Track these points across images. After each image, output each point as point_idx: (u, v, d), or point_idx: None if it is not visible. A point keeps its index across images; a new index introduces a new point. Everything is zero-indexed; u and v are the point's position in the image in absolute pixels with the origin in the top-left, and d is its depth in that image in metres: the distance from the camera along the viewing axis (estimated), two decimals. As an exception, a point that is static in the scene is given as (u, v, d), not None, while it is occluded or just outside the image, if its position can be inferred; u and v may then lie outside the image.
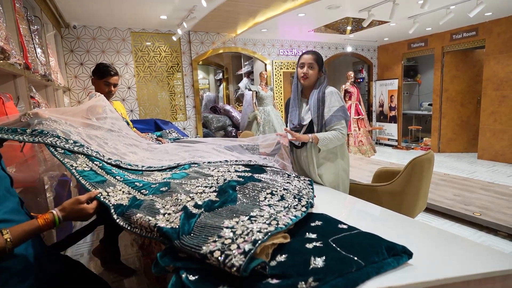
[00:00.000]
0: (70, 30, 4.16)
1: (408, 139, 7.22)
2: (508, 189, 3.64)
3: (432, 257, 0.87)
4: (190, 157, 1.73)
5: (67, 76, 4.21)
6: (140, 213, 0.97)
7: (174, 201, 1.05)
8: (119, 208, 1.03)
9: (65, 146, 1.26)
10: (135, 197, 1.11)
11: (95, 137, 1.52)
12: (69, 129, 1.41)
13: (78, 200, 1.04)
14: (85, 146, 1.34)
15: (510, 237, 2.70)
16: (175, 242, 0.81)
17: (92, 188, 1.11)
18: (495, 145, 5.28)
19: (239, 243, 0.75)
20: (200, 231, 0.85)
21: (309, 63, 1.78)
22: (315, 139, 1.72)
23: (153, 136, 2.61)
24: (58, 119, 1.41)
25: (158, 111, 5.01)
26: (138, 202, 1.06)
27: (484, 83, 5.33)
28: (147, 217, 0.94)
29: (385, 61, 7.13)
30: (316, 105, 1.76)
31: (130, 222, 0.97)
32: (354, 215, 1.33)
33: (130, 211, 1.01)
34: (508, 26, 4.95)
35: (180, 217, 0.92)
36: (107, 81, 2.19)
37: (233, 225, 0.86)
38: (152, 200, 1.07)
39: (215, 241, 0.78)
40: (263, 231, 0.81)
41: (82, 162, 1.24)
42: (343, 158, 1.91)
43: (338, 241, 0.80)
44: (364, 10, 4.01)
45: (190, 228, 0.86)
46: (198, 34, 5.08)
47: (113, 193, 1.10)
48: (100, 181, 1.15)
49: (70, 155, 1.25)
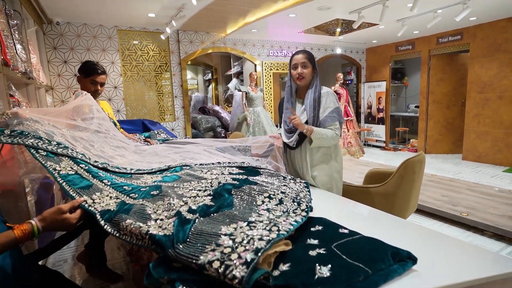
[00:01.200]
0: (53, 27, 4.00)
1: (396, 140, 7.34)
2: (492, 190, 3.73)
3: (434, 261, 0.85)
4: (181, 159, 1.67)
5: (49, 74, 4.05)
6: (130, 219, 0.90)
7: (166, 205, 0.99)
8: (106, 214, 0.96)
9: (48, 148, 1.18)
10: (124, 201, 1.04)
11: (81, 139, 1.43)
12: (52, 130, 1.32)
13: (60, 209, 0.96)
14: (70, 148, 1.26)
15: (496, 237, 2.76)
16: (169, 251, 0.76)
17: (76, 195, 1.04)
18: (478, 146, 5.42)
19: (239, 252, 0.70)
20: (196, 239, 0.79)
21: (302, 63, 1.76)
22: (310, 130, 1.69)
23: (141, 137, 2.53)
24: (40, 120, 1.32)
25: (145, 112, 4.89)
26: (127, 207, 1.00)
27: (469, 86, 5.47)
28: (137, 223, 0.88)
29: (374, 63, 7.23)
30: (312, 106, 1.74)
31: (119, 229, 0.91)
32: (351, 218, 1.30)
33: (119, 216, 0.94)
34: (491, 31, 5.09)
35: (174, 223, 0.86)
36: (94, 79, 2.11)
37: (232, 232, 0.81)
38: (142, 204, 1.01)
39: (213, 250, 0.73)
40: (264, 238, 0.76)
41: (67, 165, 1.15)
42: (337, 160, 1.89)
43: (342, 247, 0.77)
44: (354, 12, 4.03)
45: (185, 235, 0.81)
46: (187, 33, 5.00)
47: (99, 200, 1.03)
48: (86, 186, 1.08)
49: (53, 158, 1.16)
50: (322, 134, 1.70)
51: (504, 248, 2.58)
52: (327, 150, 1.84)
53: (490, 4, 4.09)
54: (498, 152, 5.17)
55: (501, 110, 5.09)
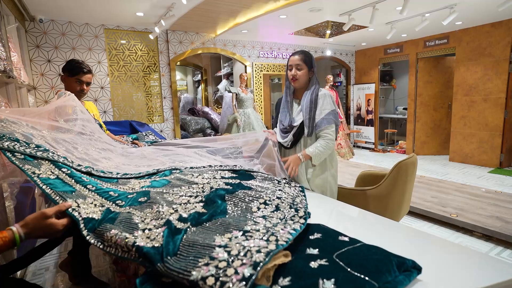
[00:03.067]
0: (35, 24, 3.85)
1: (384, 142, 7.42)
2: (479, 191, 3.79)
3: (438, 270, 0.82)
4: (170, 162, 1.60)
5: (32, 73, 3.89)
6: (115, 229, 0.84)
7: (155, 213, 0.93)
8: (90, 223, 0.89)
9: (26, 151, 1.09)
10: (109, 209, 0.97)
11: (63, 141, 1.34)
12: (30, 132, 1.23)
13: (44, 214, 0.88)
14: (50, 151, 1.17)
15: (485, 237, 2.79)
16: (158, 266, 0.70)
17: (58, 198, 0.96)
18: (465, 148, 5.53)
19: (236, 267, 0.65)
20: (188, 251, 0.73)
21: (296, 65, 1.75)
22: (306, 157, 1.69)
23: (129, 139, 2.45)
24: (17, 121, 1.23)
25: (133, 113, 4.77)
26: (112, 215, 0.93)
27: (455, 88, 5.58)
28: (123, 234, 0.81)
29: (363, 66, 7.30)
30: (308, 107, 1.72)
31: (103, 240, 0.84)
32: (347, 223, 1.27)
33: (103, 226, 0.87)
34: (476, 35, 5.21)
35: (163, 233, 0.80)
36: (79, 78, 2.03)
37: (227, 243, 0.75)
38: (129, 213, 0.94)
39: (207, 264, 0.67)
40: (263, 250, 0.70)
41: (47, 169, 1.07)
42: (332, 163, 1.88)
43: (344, 257, 0.72)
44: (344, 14, 4.05)
45: (176, 247, 0.75)
46: (177, 33, 4.91)
47: (83, 205, 0.95)
48: (69, 191, 1.00)
49: (32, 161, 1.07)
50: (319, 154, 1.69)
51: (493, 249, 2.61)
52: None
53: (475, 9, 4.18)
54: (483, 153, 5.28)
55: (486, 113, 5.20)
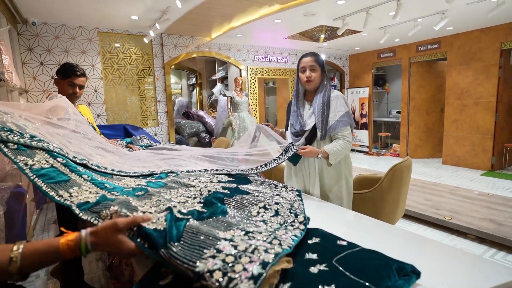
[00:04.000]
0: (28, 27, 3.81)
1: (378, 145, 7.48)
2: (473, 193, 3.83)
3: (436, 274, 0.81)
4: (166, 166, 1.58)
5: (24, 76, 3.84)
6: (115, 206, 0.80)
7: (154, 202, 0.90)
8: (84, 205, 0.85)
9: (20, 141, 1.03)
10: (105, 195, 0.94)
11: (57, 134, 1.30)
12: (24, 123, 1.18)
13: (116, 225, 0.69)
14: (46, 141, 1.13)
15: (478, 240, 2.81)
16: (161, 251, 0.66)
17: (50, 190, 0.89)
18: (457, 151, 5.60)
19: (244, 264, 0.62)
20: (192, 239, 0.69)
21: (310, 66, 1.67)
22: (324, 153, 1.58)
23: (123, 143, 2.41)
24: (10, 112, 1.18)
25: (127, 116, 4.73)
26: (109, 199, 0.90)
27: (447, 92, 5.66)
28: (123, 211, 0.77)
29: (356, 70, 7.37)
30: (320, 109, 1.65)
31: (98, 216, 0.79)
32: (344, 226, 1.26)
33: (100, 205, 0.84)
34: (467, 40, 5.31)
35: (166, 217, 0.76)
36: (72, 81, 1.99)
37: (232, 238, 0.72)
38: (127, 199, 0.91)
39: (213, 257, 0.64)
40: (270, 251, 0.68)
41: (41, 158, 1.02)
42: (347, 166, 1.78)
43: (343, 262, 0.72)
44: (338, 19, 4.09)
45: (180, 232, 0.71)
46: (171, 37, 4.90)
47: (77, 193, 0.91)
48: (62, 181, 0.96)
49: (26, 151, 1.02)
50: (337, 152, 1.59)
51: (487, 251, 2.63)
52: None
53: (465, 15, 4.27)
54: (475, 156, 5.36)
55: (477, 116, 5.29)
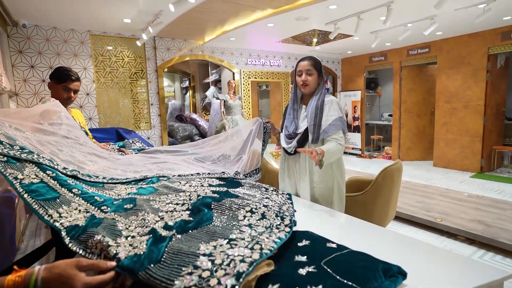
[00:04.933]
0: (18, 29, 3.77)
1: (370, 148, 7.56)
2: (462, 195, 3.90)
3: (423, 275, 0.84)
4: (158, 169, 1.58)
5: (14, 79, 3.79)
6: (98, 235, 0.82)
7: (140, 221, 0.92)
8: (73, 230, 0.87)
9: (9, 153, 1.05)
10: (94, 215, 0.95)
11: (48, 143, 1.30)
12: (14, 134, 1.19)
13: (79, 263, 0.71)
14: (35, 153, 1.14)
15: (468, 241, 2.86)
16: (139, 274, 0.68)
17: (39, 208, 0.91)
18: (447, 153, 5.69)
19: (219, 277, 0.65)
20: (172, 259, 0.73)
21: (307, 70, 1.69)
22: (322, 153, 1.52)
23: (115, 147, 2.40)
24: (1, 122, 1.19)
25: (120, 119, 4.70)
26: (96, 220, 0.91)
27: (437, 96, 5.76)
28: (106, 239, 0.80)
29: (349, 73, 7.46)
30: (313, 113, 1.66)
31: (86, 246, 0.82)
32: (335, 229, 1.28)
33: (87, 232, 0.85)
34: (455, 45, 5.43)
35: (147, 242, 0.80)
36: (67, 86, 1.99)
37: (211, 252, 0.75)
38: (113, 219, 0.93)
39: (190, 273, 0.67)
40: (246, 260, 0.71)
41: (31, 172, 1.04)
42: (339, 171, 1.78)
43: (332, 264, 0.73)
44: (330, 23, 4.14)
45: (160, 254, 0.74)
46: (164, 40, 4.90)
47: (66, 214, 0.93)
48: (52, 198, 0.98)
49: (15, 164, 1.03)
50: (330, 153, 1.55)
51: (476, 252, 2.68)
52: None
53: (454, 20, 4.37)
54: (465, 158, 5.46)
55: (466, 119, 5.39)
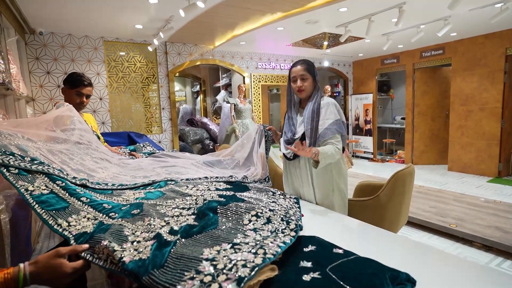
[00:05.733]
0: (35, 37, 3.90)
1: (383, 151, 7.43)
2: (478, 200, 3.77)
3: (435, 282, 0.81)
4: (166, 173, 1.60)
5: (31, 85, 3.92)
6: (104, 240, 0.84)
7: (146, 226, 0.93)
8: (81, 237, 0.89)
9: (20, 165, 1.09)
10: (102, 221, 0.97)
11: (59, 152, 1.35)
12: (26, 144, 1.23)
13: (58, 252, 0.79)
14: (46, 163, 1.18)
15: (484, 248, 2.76)
16: (143, 279, 0.69)
17: (49, 218, 0.95)
18: (463, 157, 5.53)
19: (221, 282, 0.65)
20: (175, 264, 0.73)
21: (301, 75, 1.66)
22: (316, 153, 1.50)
23: (126, 151, 2.44)
24: (13, 133, 1.23)
25: (132, 124, 4.78)
26: (104, 227, 0.93)
27: (452, 98, 5.62)
28: (112, 244, 0.82)
29: (360, 76, 7.37)
30: (310, 117, 1.62)
31: (93, 252, 0.84)
32: (343, 234, 1.26)
33: (94, 238, 0.88)
34: (471, 46, 5.29)
35: (152, 247, 0.81)
36: (80, 91, 2.05)
37: (214, 256, 0.75)
38: (120, 225, 0.95)
39: (192, 278, 0.67)
40: (249, 265, 0.70)
41: (41, 183, 1.07)
42: (339, 174, 1.74)
43: (338, 270, 0.71)
44: (341, 26, 4.11)
45: (164, 259, 0.75)
46: (175, 45, 4.97)
47: (75, 222, 0.96)
48: (62, 208, 1.00)
49: (26, 176, 1.08)
50: (326, 155, 1.52)
51: (493, 260, 2.58)
52: (327, 166, 1.67)
53: (469, 21, 4.26)
54: (481, 162, 5.29)
55: (482, 122, 5.24)
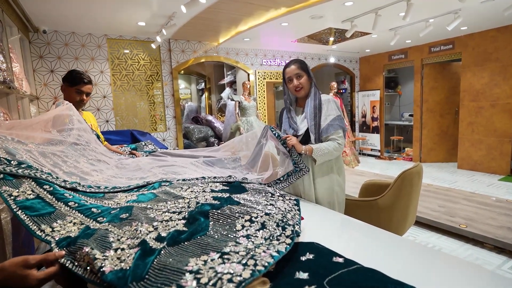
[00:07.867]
0: (39, 35, 3.90)
1: (390, 149, 7.29)
2: (490, 199, 3.65)
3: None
4: (162, 174, 1.55)
5: (35, 83, 3.92)
6: (87, 247, 0.78)
7: (132, 232, 0.88)
8: (63, 241, 0.83)
9: (5, 170, 1.03)
10: (88, 226, 0.93)
11: (52, 154, 1.30)
12: (15, 147, 1.18)
13: (26, 261, 0.73)
14: (34, 167, 1.13)
15: (496, 249, 2.67)
16: None
17: (32, 224, 0.89)
18: (473, 155, 5.39)
19: None
20: (156, 277, 0.68)
21: (296, 74, 1.69)
22: (309, 151, 1.58)
23: (127, 149, 2.42)
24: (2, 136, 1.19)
25: (136, 122, 4.77)
26: (90, 231, 0.88)
27: (462, 94, 5.47)
28: (94, 252, 0.76)
29: (367, 72, 7.23)
30: (312, 113, 1.66)
31: (74, 258, 0.78)
32: (345, 238, 1.20)
33: (77, 243, 0.82)
34: (482, 41, 5.13)
35: (135, 255, 0.76)
36: (79, 89, 2.03)
37: (199, 268, 0.70)
38: (106, 230, 0.90)
39: None
40: (235, 279, 0.65)
41: (27, 188, 1.02)
42: (339, 173, 1.77)
43: (336, 283, 0.66)
44: (347, 21, 4.01)
45: (145, 270, 0.70)
46: (179, 42, 4.93)
47: (59, 228, 0.91)
48: (47, 213, 0.95)
49: (11, 181, 1.02)
50: (323, 149, 1.59)
51: (506, 262, 2.48)
52: (328, 162, 1.71)
53: (480, 14, 4.11)
54: (492, 160, 5.14)
55: (494, 118, 5.08)
